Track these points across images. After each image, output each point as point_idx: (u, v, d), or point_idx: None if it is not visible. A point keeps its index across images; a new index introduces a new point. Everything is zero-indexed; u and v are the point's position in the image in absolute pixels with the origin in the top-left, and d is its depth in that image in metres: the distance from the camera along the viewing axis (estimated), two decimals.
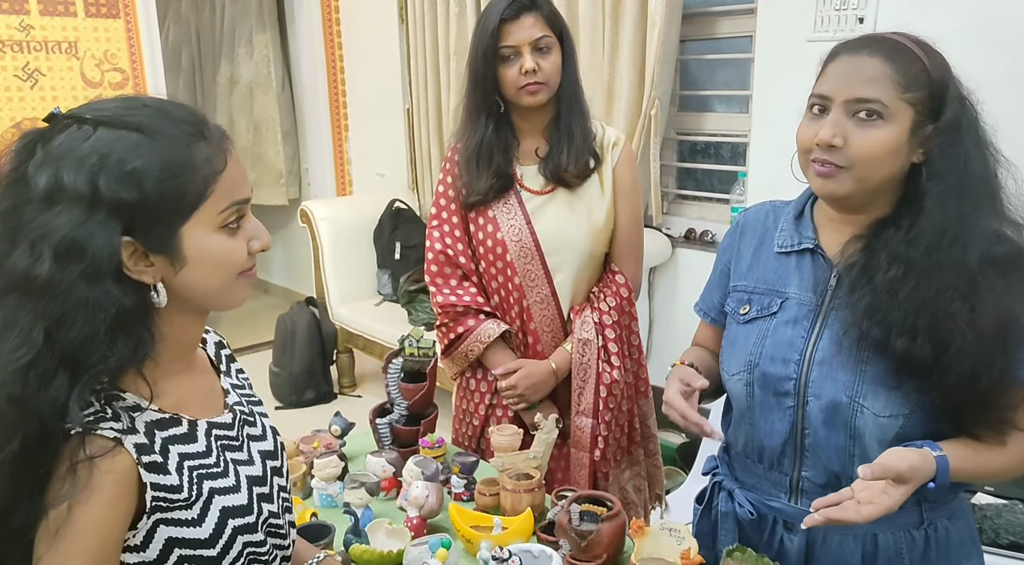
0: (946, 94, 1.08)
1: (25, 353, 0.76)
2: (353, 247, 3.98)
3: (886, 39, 1.11)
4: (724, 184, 3.15)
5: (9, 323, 0.78)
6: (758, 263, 1.28)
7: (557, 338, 1.79)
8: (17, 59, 3.51)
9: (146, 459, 0.82)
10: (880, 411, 1.12)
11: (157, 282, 0.84)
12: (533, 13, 1.63)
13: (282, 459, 1.05)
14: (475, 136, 1.72)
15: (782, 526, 1.24)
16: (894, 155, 1.08)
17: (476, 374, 1.85)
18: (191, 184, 0.83)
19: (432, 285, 1.82)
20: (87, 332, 0.77)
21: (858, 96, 1.07)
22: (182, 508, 0.85)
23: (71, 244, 0.77)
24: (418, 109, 3.99)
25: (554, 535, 1.36)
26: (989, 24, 2.13)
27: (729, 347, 1.28)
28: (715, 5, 2.96)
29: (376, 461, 1.61)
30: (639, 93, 2.92)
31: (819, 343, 1.17)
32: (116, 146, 0.80)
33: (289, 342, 3.89)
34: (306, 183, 5.19)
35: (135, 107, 0.84)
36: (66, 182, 0.77)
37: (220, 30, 5.35)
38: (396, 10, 4.07)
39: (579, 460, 1.78)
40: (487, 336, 1.76)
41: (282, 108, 5.11)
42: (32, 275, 0.77)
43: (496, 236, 1.74)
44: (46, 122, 0.83)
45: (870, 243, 1.13)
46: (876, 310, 1.09)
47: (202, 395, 0.96)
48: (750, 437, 1.26)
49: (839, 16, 2.42)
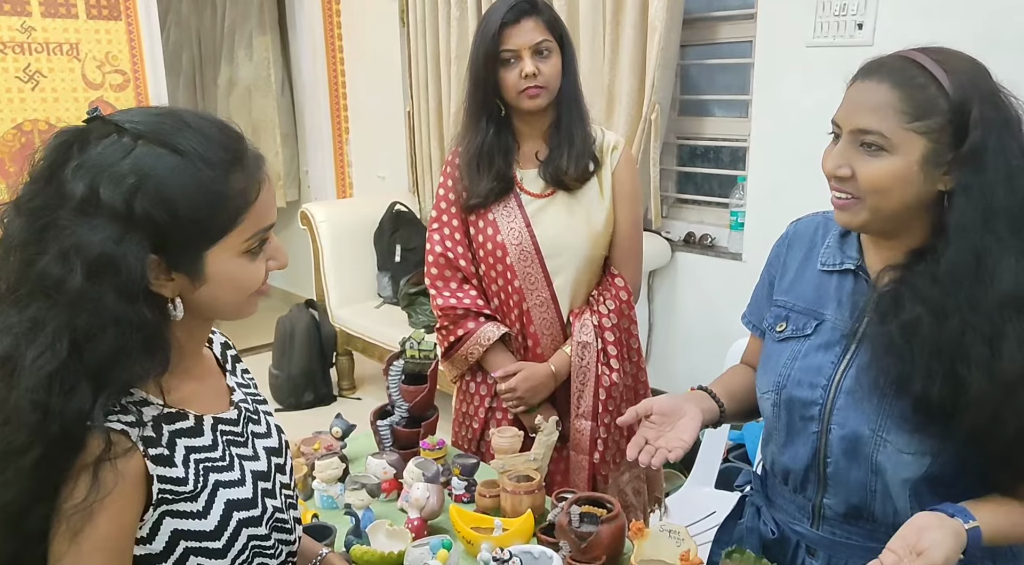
0: (968, 117, 0.98)
1: (50, 361, 0.77)
2: (353, 249, 3.99)
3: (902, 61, 1.03)
4: (724, 188, 3.16)
5: (34, 327, 0.78)
6: (801, 279, 1.24)
7: (557, 341, 1.80)
8: (18, 60, 3.51)
9: (152, 452, 0.84)
10: (904, 447, 1.07)
11: (175, 297, 0.86)
12: (533, 17, 1.64)
13: (286, 456, 1.06)
14: (476, 139, 1.73)
15: (804, 550, 1.22)
16: (903, 186, 1.02)
17: (476, 377, 1.85)
18: (222, 213, 0.84)
19: (432, 288, 1.82)
20: (116, 348, 0.78)
21: (860, 126, 1.03)
22: (187, 500, 0.87)
23: (106, 262, 0.78)
24: (419, 112, 4.00)
25: (554, 536, 1.37)
26: (989, 30, 2.14)
27: (763, 365, 1.25)
28: (715, 10, 2.96)
29: (377, 463, 1.61)
30: (639, 97, 2.93)
31: (848, 371, 1.13)
32: (156, 167, 0.80)
33: (288, 344, 3.89)
34: (306, 185, 5.19)
35: (177, 126, 0.84)
36: (103, 196, 0.78)
37: (220, 32, 5.36)
38: (397, 13, 4.08)
39: (578, 463, 1.79)
40: (487, 339, 1.76)
41: (281, 110, 5.12)
42: (64, 286, 0.77)
43: (496, 239, 1.75)
44: (86, 122, 0.83)
45: (903, 274, 1.08)
46: (894, 349, 1.04)
47: (208, 392, 0.98)
48: (776, 458, 1.24)
49: (838, 22, 2.43)
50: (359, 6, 4.35)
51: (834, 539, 1.18)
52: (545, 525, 1.42)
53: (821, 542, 1.19)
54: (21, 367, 0.77)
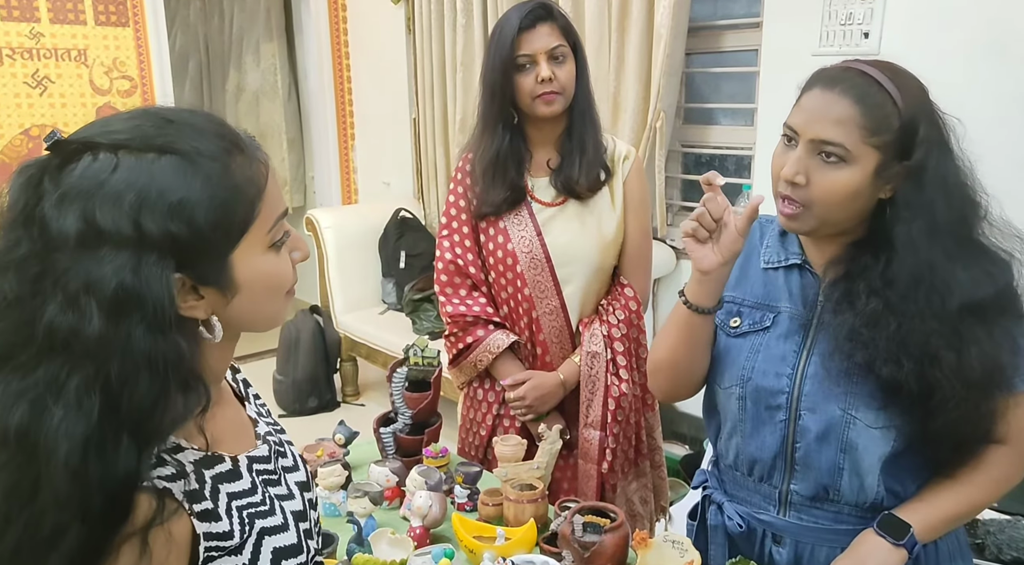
0: (916, 136, 1.06)
1: (81, 423, 0.65)
2: (358, 255, 3.99)
3: (860, 76, 1.09)
4: (729, 196, 3.13)
5: (52, 388, 0.66)
6: (746, 277, 1.29)
7: (566, 350, 1.79)
8: (27, 66, 3.53)
9: (198, 508, 0.73)
10: (872, 423, 1.13)
11: (210, 316, 0.76)
12: (549, 23, 1.64)
13: (314, 490, 0.98)
14: (491, 147, 1.72)
15: (771, 539, 1.25)
16: (855, 197, 1.08)
17: (483, 384, 1.85)
18: (239, 207, 0.74)
19: (442, 294, 1.82)
20: (155, 391, 0.68)
21: (822, 138, 1.07)
22: (233, 553, 0.76)
23: (126, 295, 0.66)
24: (424, 118, 4.01)
25: (557, 546, 1.36)
26: (993, 38, 2.14)
27: (720, 360, 1.28)
28: (721, 18, 2.97)
29: (380, 470, 1.61)
30: (645, 105, 2.93)
31: (811, 357, 1.18)
32: (152, 176, 0.69)
33: (293, 350, 3.89)
34: (312, 191, 5.21)
35: (158, 125, 0.72)
36: (102, 224, 0.66)
37: (228, 38, 5.39)
38: (403, 20, 4.10)
39: (587, 472, 1.78)
40: (496, 346, 1.76)
41: (288, 116, 5.15)
42: (80, 335, 0.66)
43: (506, 247, 1.74)
44: (48, 150, 0.70)
45: (848, 267, 1.14)
46: (858, 336, 1.10)
47: (234, 428, 0.88)
48: (741, 450, 1.27)
49: (844, 31, 2.43)
50: (366, 13, 4.37)
51: (801, 524, 1.22)
52: (548, 534, 1.42)
53: (788, 529, 1.23)
54: (44, 438, 0.65)
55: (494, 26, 1.72)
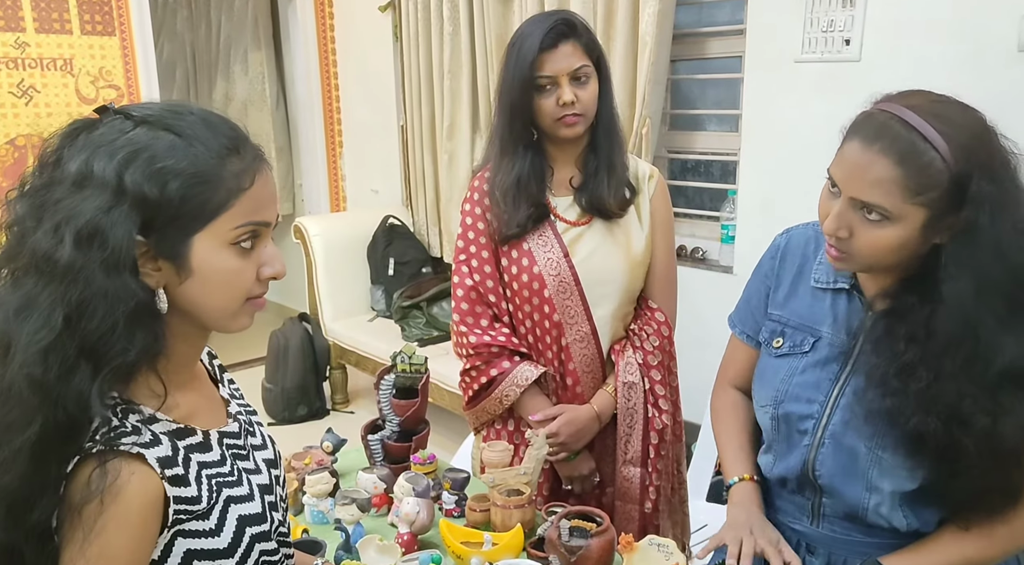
0: (967, 191, 0.98)
1: (46, 335, 0.76)
2: (347, 263, 3.99)
3: (904, 128, 1.00)
4: (714, 202, 3.17)
5: (29, 303, 0.78)
6: (795, 294, 1.26)
7: (597, 380, 1.68)
8: (12, 76, 3.52)
9: (169, 473, 0.81)
10: (899, 464, 1.11)
11: (159, 288, 0.84)
12: (572, 41, 1.54)
13: (281, 468, 1.06)
14: (513, 170, 1.60)
15: (804, 549, 1.25)
16: (901, 249, 1.04)
17: (507, 425, 1.73)
18: (214, 194, 0.83)
19: (463, 324, 1.68)
20: (107, 323, 0.77)
21: (862, 199, 1.02)
22: (199, 518, 0.84)
23: (93, 231, 0.77)
24: (412, 126, 4.02)
25: (544, 551, 1.37)
26: (973, 47, 2.16)
27: (759, 378, 1.28)
28: (705, 26, 2.99)
29: (367, 477, 1.61)
30: (631, 112, 2.95)
31: (846, 388, 1.16)
32: (150, 144, 0.81)
33: (282, 358, 3.89)
34: (300, 199, 5.20)
35: (180, 113, 0.85)
36: (95, 170, 0.79)
37: (216, 47, 5.38)
38: (391, 28, 4.11)
39: (627, 513, 1.67)
40: (524, 379, 1.63)
41: (276, 124, 5.14)
42: (53, 257, 0.77)
43: (532, 270, 1.63)
44: (96, 113, 0.85)
45: (895, 304, 1.10)
46: (889, 386, 1.07)
47: (208, 406, 0.97)
48: (775, 464, 1.27)
49: (826, 38, 2.46)
50: (353, 21, 4.38)
51: (834, 536, 1.22)
52: (535, 539, 1.42)
53: (822, 539, 1.23)
54: (17, 343, 0.76)
55: (511, 39, 1.60)
